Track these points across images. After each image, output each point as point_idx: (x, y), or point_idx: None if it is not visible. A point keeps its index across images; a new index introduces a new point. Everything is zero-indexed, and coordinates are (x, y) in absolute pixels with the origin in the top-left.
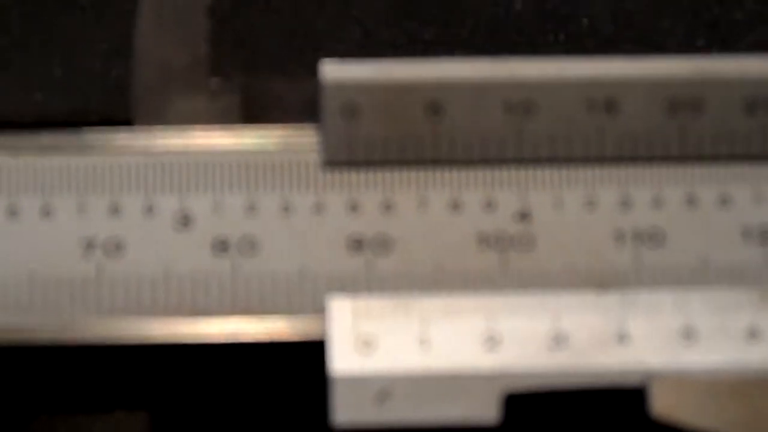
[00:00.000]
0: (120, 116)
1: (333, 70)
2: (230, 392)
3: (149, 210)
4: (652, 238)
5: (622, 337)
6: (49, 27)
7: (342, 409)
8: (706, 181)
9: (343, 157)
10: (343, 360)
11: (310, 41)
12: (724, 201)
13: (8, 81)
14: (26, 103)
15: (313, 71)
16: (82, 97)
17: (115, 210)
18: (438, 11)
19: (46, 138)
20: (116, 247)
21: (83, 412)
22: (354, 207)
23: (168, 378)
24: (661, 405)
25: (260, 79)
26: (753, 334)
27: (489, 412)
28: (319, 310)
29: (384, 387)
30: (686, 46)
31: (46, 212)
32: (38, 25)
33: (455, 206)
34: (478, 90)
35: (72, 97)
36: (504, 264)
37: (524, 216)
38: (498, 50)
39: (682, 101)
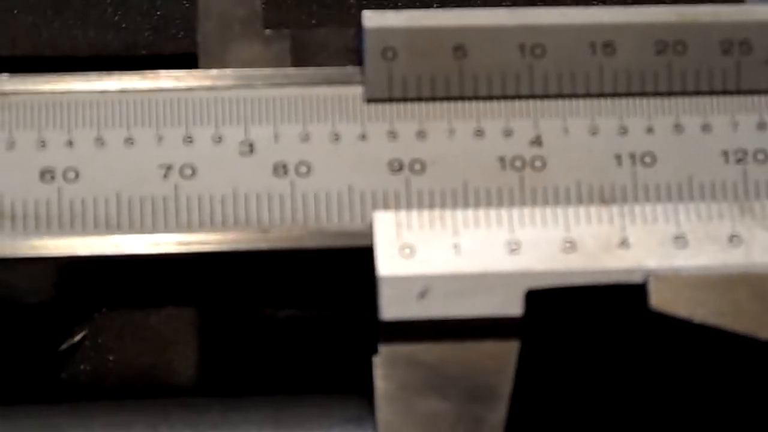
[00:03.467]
0: (165, 51)
1: (373, 18)
2: (282, 293)
3: (218, 139)
4: (646, 159)
5: (624, 242)
6: None
7: (388, 306)
8: (690, 111)
9: (383, 92)
10: (388, 264)
11: None
12: (706, 128)
13: (67, 21)
14: (82, 39)
15: (347, 21)
16: (131, 34)
17: (189, 139)
18: None
19: (127, 78)
20: (191, 171)
21: (140, 308)
22: (393, 135)
23: (229, 280)
24: (658, 299)
25: (305, 29)
26: (733, 240)
27: (513, 305)
28: (366, 223)
29: (423, 286)
30: None
31: (130, 142)
32: None
33: (479, 133)
34: (497, 34)
35: (122, 34)
36: (521, 182)
37: (537, 141)
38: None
39: (669, 43)
